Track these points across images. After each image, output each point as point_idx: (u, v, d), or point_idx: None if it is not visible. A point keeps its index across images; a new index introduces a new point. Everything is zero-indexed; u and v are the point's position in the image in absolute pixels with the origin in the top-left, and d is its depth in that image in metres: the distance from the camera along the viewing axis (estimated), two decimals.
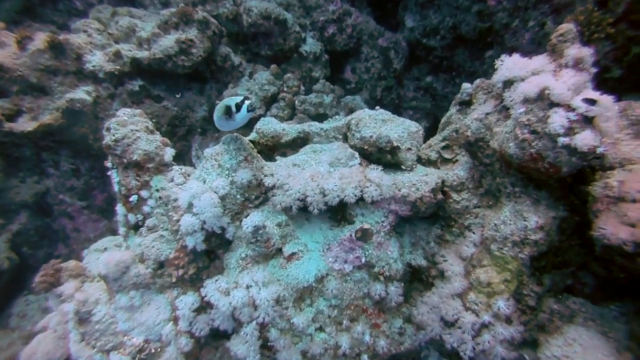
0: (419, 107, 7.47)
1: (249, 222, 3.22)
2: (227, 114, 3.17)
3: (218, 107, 3.26)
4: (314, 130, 4.01)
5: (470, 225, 3.62)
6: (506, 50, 5.65)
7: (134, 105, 5.99)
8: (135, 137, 3.69)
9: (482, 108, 3.54)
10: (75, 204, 6.37)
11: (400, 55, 7.13)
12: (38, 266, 6.92)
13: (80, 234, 6.62)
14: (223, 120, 3.23)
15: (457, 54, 7.06)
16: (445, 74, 7.30)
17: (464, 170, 3.73)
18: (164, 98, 6.27)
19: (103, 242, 4.74)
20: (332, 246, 3.51)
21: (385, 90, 7.16)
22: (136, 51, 5.87)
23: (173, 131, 6.37)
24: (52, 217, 6.66)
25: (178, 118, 6.35)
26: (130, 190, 3.74)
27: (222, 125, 3.33)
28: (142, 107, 6.05)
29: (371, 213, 3.55)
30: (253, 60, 6.72)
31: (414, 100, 7.48)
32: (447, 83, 7.32)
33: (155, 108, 6.16)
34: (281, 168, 3.51)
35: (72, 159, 6.07)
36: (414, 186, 3.52)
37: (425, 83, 7.46)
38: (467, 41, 6.83)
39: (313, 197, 3.30)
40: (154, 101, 6.18)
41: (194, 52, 5.94)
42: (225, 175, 3.39)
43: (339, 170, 3.49)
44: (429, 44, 7.15)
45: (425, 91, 7.48)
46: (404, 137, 3.69)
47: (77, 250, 6.70)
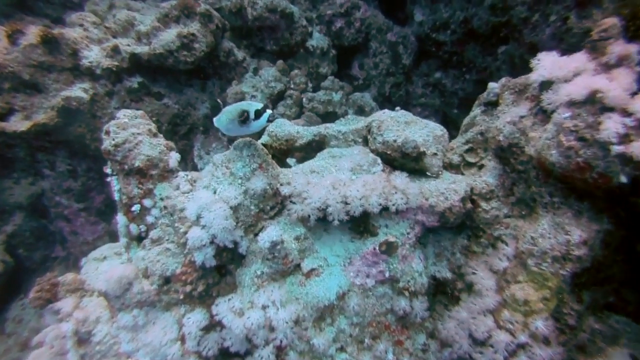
0: (427, 104, 7.15)
1: (265, 237, 2.89)
2: (242, 119, 2.83)
3: (231, 109, 2.92)
4: (330, 133, 3.68)
5: (501, 236, 3.32)
6: (524, 46, 5.36)
7: (132, 104, 5.62)
8: (137, 141, 3.34)
9: (516, 110, 3.22)
10: (72, 206, 6.02)
11: (409, 50, 6.79)
12: (35, 269, 6.61)
13: (78, 237, 6.27)
14: (235, 123, 2.89)
15: (467, 50, 6.73)
16: (455, 69, 6.97)
17: (493, 177, 3.42)
18: (164, 95, 5.90)
19: (102, 250, 4.40)
20: (354, 260, 3.20)
21: (393, 87, 6.82)
22: (135, 46, 5.49)
23: (174, 130, 6.01)
24: (48, 218, 6.31)
25: (179, 116, 5.99)
26: (132, 199, 3.39)
27: (230, 129, 2.98)
28: (142, 105, 5.69)
29: (396, 224, 3.23)
30: (257, 55, 6.35)
31: (422, 97, 7.14)
32: (456, 79, 6.99)
33: (156, 106, 5.79)
34: (298, 176, 3.18)
35: (68, 159, 5.70)
36: (442, 195, 3.20)
37: (434, 79, 7.13)
38: (479, 36, 6.49)
39: (334, 206, 2.98)
40: (154, 99, 5.81)
41: (196, 47, 5.57)
42: (237, 184, 3.06)
43: (362, 177, 3.17)
44: (438, 38, 6.81)
45: (434, 87, 7.15)
46: (429, 141, 3.37)
47: (75, 253, 6.38)
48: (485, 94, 3.75)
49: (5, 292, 6.13)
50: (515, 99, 3.67)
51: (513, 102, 3.65)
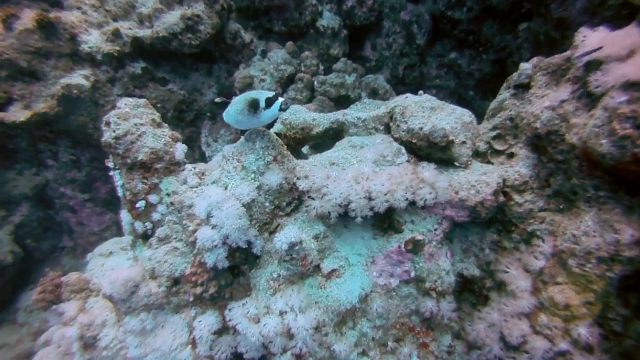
0: (442, 85, 6.77)
1: (283, 238, 2.61)
2: (252, 108, 2.52)
3: (239, 100, 2.60)
4: (349, 120, 3.36)
5: (535, 231, 3.01)
6: (551, 23, 4.95)
7: (136, 90, 5.29)
8: (139, 132, 3.04)
9: (555, 94, 2.87)
10: (77, 196, 5.75)
11: (424, 29, 6.38)
12: (43, 259, 6.39)
13: (84, 228, 6.03)
14: (244, 115, 2.58)
15: (485, 28, 6.32)
16: (471, 49, 6.57)
17: (527, 167, 3.10)
18: (169, 81, 5.58)
19: (108, 245, 4.15)
20: (377, 259, 2.92)
21: (407, 68, 6.44)
22: (137, 29, 5.14)
23: (180, 117, 5.69)
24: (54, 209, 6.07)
25: (185, 102, 5.67)
26: (137, 195, 3.11)
27: (240, 121, 2.67)
28: (146, 91, 5.37)
29: (422, 220, 2.94)
30: (265, 36, 5.98)
31: (437, 78, 6.76)
32: (473, 59, 6.60)
33: (160, 92, 5.47)
34: (317, 169, 2.88)
35: (71, 149, 5.42)
36: (473, 188, 2.89)
37: (449, 59, 6.74)
38: (498, 12, 6.09)
39: (357, 202, 2.68)
40: (158, 84, 5.49)
41: (201, 29, 5.21)
42: (250, 179, 2.76)
43: (387, 169, 2.86)
44: (454, 16, 6.40)
45: (449, 68, 6.76)
46: (457, 128, 3.05)
47: (82, 244, 6.15)
48: (516, 76, 3.40)
49: (15, 282, 5.97)
50: (548, 81, 3.32)
51: (547, 84, 3.31)
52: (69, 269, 6.39)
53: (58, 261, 6.44)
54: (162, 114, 5.56)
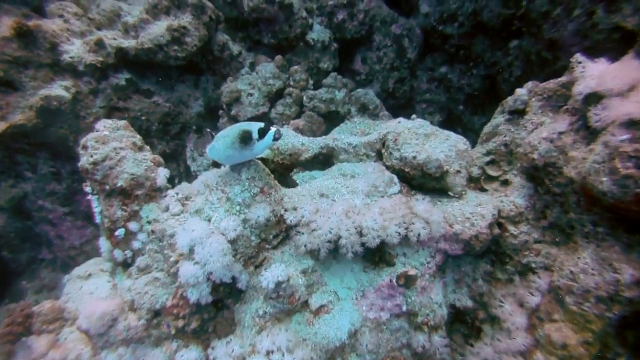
0: (432, 100, 6.66)
1: (269, 276, 2.45)
2: (243, 141, 2.36)
3: (227, 134, 2.43)
4: (340, 146, 3.21)
5: (530, 263, 2.90)
6: (542, 43, 4.87)
7: (120, 102, 5.08)
8: (119, 157, 2.86)
9: (553, 126, 2.77)
10: (57, 210, 5.50)
11: (415, 43, 6.27)
12: (21, 271, 6.13)
13: (64, 242, 5.78)
14: (235, 149, 2.41)
15: (475, 43, 6.23)
16: (462, 64, 6.47)
17: (522, 198, 2.99)
18: (154, 92, 5.37)
19: (87, 266, 3.94)
20: (367, 293, 2.78)
21: (397, 82, 6.32)
22: (121, 40, 4.93)
23: (165, 129, 5.49)
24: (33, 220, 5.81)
25: (170, 115, 5.47)
26: (116, 223, 2.93)
27: (231, 156, 2.50)
28: (130, 103, 5.16)
29: (415, 253, 2.81)
30: (254, 48, 5.80)
31: (427, 92, 6.65)
32: (463, 74, 6.50)
33: (145, 104, 5.26)
34: (305, 200, 2.72)
35: (51, 161, 5.17)
36: (467, 221, 2.77)
37: (440, 74, 6.63)
38: (489, 29, 5.99)
39: (348, 238, 2.53)
40: (143, 96, 5.28)
41: (188, 41, 5.02)
42: (235, 211, 2.59)
43: (379, 202, 2.72)
44: (445, 31, 6.29)
45: (439, 83, 6.65)
46: (452, 156, 2.92)
47: (62, 257, 5.89)
48: (512, 101, 3.29)
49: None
50: (543, 107, 3.23)
51: (542, 111, 3.22)
52: (48, 282, 6.13)
53: (37, 274, 6.17)
54: (147, 127, 5.36)
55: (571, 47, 4.50)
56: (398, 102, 6.52)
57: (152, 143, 5.45)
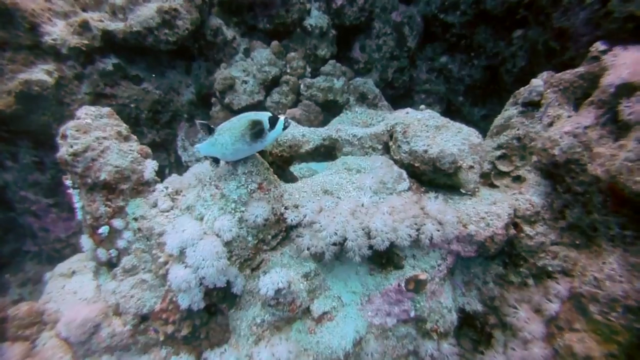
0: (432, 90, 6.40)
1: (268, 282, 2.19)
2: (256, 133, 2.09)
3: (235, 125, 2.14)
4: (343, 138, 2.94)
5: (546, 266, 2.67)
6: (550, 32, 4.62)
7: (107, 88, 4.74)
8: (102, 148, 2.56)
9: (578, 119, 2.52)
10: (40, 201, 5.18)
11: (415, 32, 5.99)
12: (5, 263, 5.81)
13: (49, 234, 5.46)
14: (246, 141, 2.14)
15: (478, 33, 5.96)
16: (463, 54, 6.20)
17: (539, 196, 2.75)
18: (143, 79, 5.04)
19: (71, 263, 3.65)
20: (373, 297, 2.54)
21: (397, 72, 6.04)
22: (108, 22, 4.59)
23: (155, 118, 5.17)
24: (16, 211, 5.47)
25: (161, 103, 5.15)
26: (99, 220, 2.64)
27: (239, 150, 2.22)
28: (118, 89, 4.82)
29: (425, 255, 2.57)
30: (249, 34, 5.47)
31: (427, 83, 6.39)
32: (463, 65, 6.24)
33: (134, 91, 4.93)
34: (308, 197, 2.46)
35: (33, 150, 4.83)
36: (482, 220, 2.53)
37: (440, 64, 6.37)
38: (492, 18, 5.73)
39: (355, 241, 2.28)
40: (131, 83, 4.94)
41: (180, 24, 4.69)
42: (230, 210, 2.32)
43: (388, 200, 2.46)
44: (446, 19, 6.02)
45: (439, 73, 6.39)
46: (465, 151, 2.67)
47: (47, 250, 5.59)
48: (526, 92, 3.04)
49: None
50: (559, 99, 2.99)
51: (558, 103, 2.97)
52: (33, 275, 5.81)
53: (21, 267, 5.85)
54: (136, 115, 5.04)
55: (582, 37, 4.26)
56: (397, 92, 6.25)
57: (141, 132, 5.14)
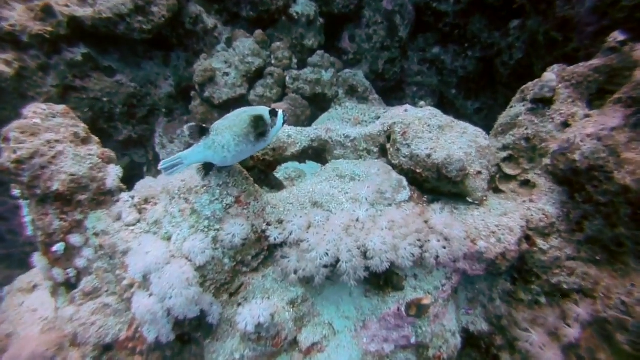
0: (424, 82, 6.04)
1: (247, 317, 1.82)
2: (260, 131, 1.75)
3: (234, 123, 1.78)
4: (334, 139, 2.56)
5: (561, 284, 2.35)
6: (552, 22, 4.27)
7: (76, 81, 4.29)
8: (54, 153, 2.15)
9: (603, 120, 2.18)
10: (7, 202, 4.74)
11: (407, 21, 5.60)
12: None
13: (18, 237, 5.03)
14: (249, 141, 1.81)
15: (472, 22, 5.60)
16: (456, 45, 5.85)
17: (553, 205, 2.42)
18: (117, 71, 4.59)
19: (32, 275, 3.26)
20: (369, 323, 2.19)
21: (388, 63, 5.66)
22: (75, 7, 4.12)
23: (130, 113, 4.73)
24: None
25: (136, 96, 4.71)
26: (53, 236, 2.24)
27: (243, 152, 1.85)
28: (89, 82, 4.37)
29: (429, 274, 2.22)
30: (231, 22, 5.04)
31: (419, 75, 6.02)
32: (457, 56, 5.88)
33: (107, 84, 4.48)
34: (294, 210, 2.09)
35: None
36: (493, 235, 2.19)
37: (432, 55, 6.00)
38: (487, 7, 5.38)
39: (349, 262, 1.92)
40: (104, 75, 4.49)
41: (155, 11, 4.25)
42: (203, 228, 1.93)
43: (386, 213, 2.10)
44: (439, 8, 5.64)
45: (431, 64, 6.02)
46: (472, 154, 2.32)
47: (17, 253, 5.16)
48: (537, 88, 2.70)
49: None
50: (572, 95, 2.67)
51: (572, 100, 2.64)
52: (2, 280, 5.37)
53: None
54: (109, 110, 4.60)
55: (587, 27, 3.92)
56: (387, 85, 5.87)
57: (115, 128, 4.71)
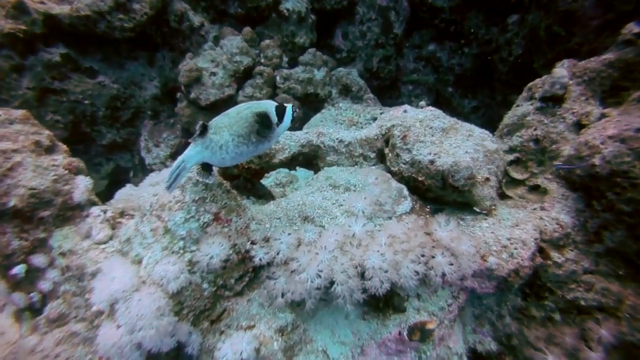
0: (420, 81, 5.80)
1: (228, 353, 1.56)
2: (264, 129, 1.57)
3: (234, 120, 1.56)
4: (327, 144, 2.30)
5: (577, 299, 2.11)
6: (554, 16, 4.04)
7: (55, 82, 4.01)
8: (10, 164, 1.89)
9: (627, 120, 1.94)
10: None
11: (402, 17, 5.35)
12: None
13: None
14: (251, 142, 1.58)
15: (469, 18, 5.38)
16: (453, 41, 5.61)
17: (567, 213, 2.18)
18: (99, 72, 4.31)
19: None
20: (368, 349, 1.94)
21: (382, 61, 5.41)
22: (52, 4, 3.83)
23: (114, 116, 4.46)
24: None
25: (120, 98, 4.43)
26: (11, 257, 1.97)
27: (243, 153, 1.60)
28: (69, 84, 4.10)
29: (433, 294, 1.97)
30: (219, 20, 4.77)
31: (414, 72, 5.78)
32: (453, 53, 5.65)
33: (88, 86, 4.21)
34: (282, 226, 1.83)
35: None
36: (505, 250, 1.95)
37: (427, 52, 5.76)
38: (484, 2, 5.15)
39: (345, 283, 1.67)
40: (85, 76, 4.22)
41: (136, 8, 3.97)
42: (178, 250, 1.67)
43: (386, 227, 1.85)
44: (435, 3, 5.40)
45: (427, 62, 5.78)
46: (479, 159, 2.08)
47: None
48: (548, 85, 2.46)
49: None
50: (585, 92, 2.43)
51: (585, 98, 2.41)
52: None
53: None
54: (92, 113, 4.32)
55: (591, 21, 3.70)
56: (382, 83, 5.62)
57: (99, 131, 4.43)
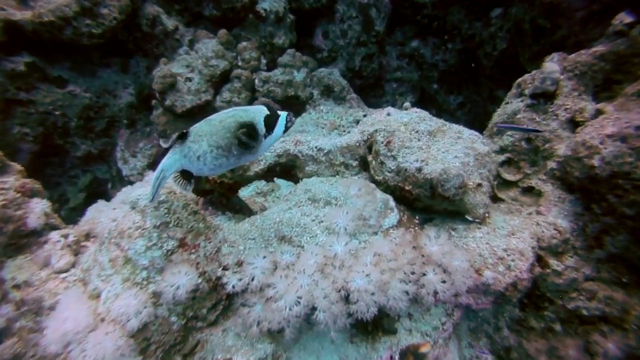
0: (404, 78, 5.63)
1: None
2: (247, 142, 1.38)
3: (216, 129, 1.39)
4: (305, 152, 2.11)
5: (579, 309, 1.97)
6: (538, 8, 3.90)
7: (21, 93, 3.77)
8: None
9: (628, 117, 1.79)
10: None
11: (383, 14, 5.18)
12: None
13: None
14: (232, 154, 1.42)
15: (451, 13, 5.24)
16: (436, 37, 5.47)
17: (565, 217, 2.03)
18: (69, 80, 4.07)
19: None
20: None
21: (365, 59, 5.23)
22: (13, 10, 3.59)
23: (87, 126, 4.22)
24: None
25: (93, 108, 4.20)
26: None
27: (222, 165, 1.44)
28: (37, 94, 3.86)
29: (425, 313, 1.80)
30: (194, 23, 4.54)
31: (398, 70, 5.61)
32: (437, 49, 5.50)
33: (57, 96, 3.97)
34: (257, 247, 1.64)
35: None
36: (501, 262, 1.79)
37: (410, 48, 5.60)
38: None
39: (327, 310, 1.49)
40: (54, 86, 3.98)
41: (104, 12, 3.75)
42: (140, 281, 1.48)
43: (371, 244, 1.67)
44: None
45: (410, 59, 5.62)
46: (470, 163, 1.91)
47: None
48: (538, 80, 2.31)
49: None
50: (577, 87, 2.28)
51: (578, 93, 2.27)
52: None
53: None
54: (63, 124, 4.07)
55: (575, 12, 3.57)
56: (366, 82, 5.45)
57: (73, 143, 4.19)
